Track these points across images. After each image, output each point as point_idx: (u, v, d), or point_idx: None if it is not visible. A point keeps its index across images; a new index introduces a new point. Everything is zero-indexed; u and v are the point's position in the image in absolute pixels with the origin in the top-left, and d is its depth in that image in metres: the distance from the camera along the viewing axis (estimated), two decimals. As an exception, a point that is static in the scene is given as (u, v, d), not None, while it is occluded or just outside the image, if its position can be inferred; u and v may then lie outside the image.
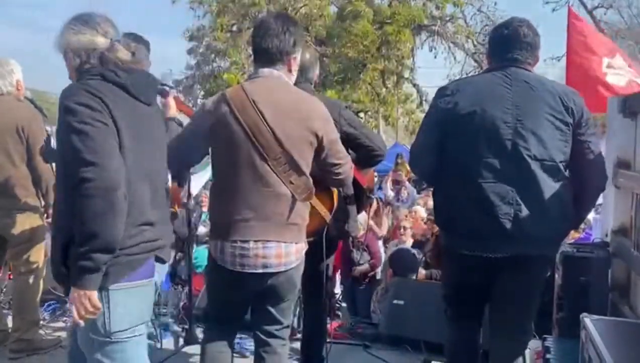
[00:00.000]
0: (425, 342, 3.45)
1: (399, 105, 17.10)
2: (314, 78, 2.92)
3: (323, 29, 15.27)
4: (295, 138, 2.14)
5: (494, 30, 2.55)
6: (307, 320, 3.05)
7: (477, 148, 2.27)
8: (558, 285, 3.05)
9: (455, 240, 2.42)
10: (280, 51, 2.21)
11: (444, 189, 2.44)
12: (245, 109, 2.13)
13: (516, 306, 2.38)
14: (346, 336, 3.85)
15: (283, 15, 2.32)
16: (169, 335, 3.76)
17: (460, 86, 2.40)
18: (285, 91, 2.22)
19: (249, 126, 2.12)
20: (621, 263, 3.01)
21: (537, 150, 2.23)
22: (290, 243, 2.19)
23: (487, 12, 15.75)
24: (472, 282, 2.44)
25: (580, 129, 2.29)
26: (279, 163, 2.13)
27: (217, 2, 15.31)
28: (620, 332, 2.21)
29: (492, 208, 2.23)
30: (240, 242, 2.15)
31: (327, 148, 2.22)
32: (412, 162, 2.60)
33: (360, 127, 2.86)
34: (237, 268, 2.17)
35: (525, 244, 2.25)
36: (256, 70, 2.26)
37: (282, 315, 2.30)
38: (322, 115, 2.22)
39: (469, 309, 2.53)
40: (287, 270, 2.20)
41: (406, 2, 15.33)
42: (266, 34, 2.20)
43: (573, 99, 2.30)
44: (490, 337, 2.49)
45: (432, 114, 2.45)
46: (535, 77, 2.35)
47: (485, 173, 2.25)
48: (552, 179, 2.25)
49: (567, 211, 2.31)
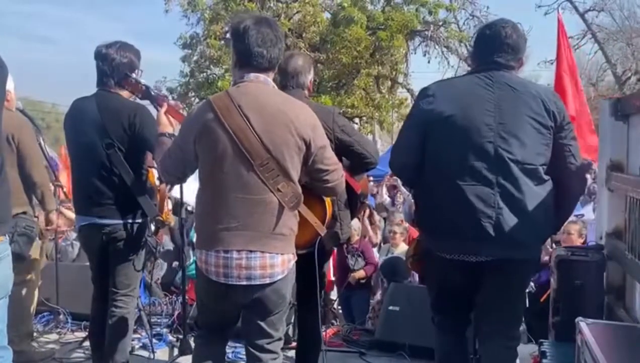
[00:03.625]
0: (422, 347, 3.43)
1: (393, 110, 17.12)
2: (307, 84, 2.91)
3: (317, 35, 15.28)
4: (283, 144, 2.08)
5: (479, 31, 2.53)
6: (302, 329, 3.03)
7: (458, 150, 2.25)
8: (553, 288, 3.05)
9: (437, 243, 2.38)
10: (273, 59, 2.18)
11: (425, 191, 2.42)
12: (230, 115, 2.07)
13: (501, 311, 2.35)
14: (342, 344, 3.83)
15: (267, 21, 2.21)
16: (163, 345, 3.75)
17: (442, 88, 2.38)
18: (273, 96, 2.17)
19: (234, 131, 2.06)
20: (616, 266, 3.01)
21: (518, 153, 2.22)
22: (276, 254, 2.12)
23: (479, 17, 15.82)
24: (455, 286, 2.41)
25: (562, 133, 2.29)
26: (266, 169, 2.06)
27: (210, 9, 15.34)
28: (615, 336, 2.20)
29: (474, 211, 2.21)
30: (224, 252, 2.09)
31: (315, 154, 2.16)
32: (392, 162, 2.54)
33: (354, 134, 2.85)
34: (220, 279, 2.12)
35: (507, 247, 2.23)
36: (241, 75, 2.20)
37: (272, 328, 2.23)
38: (310, 120, 2.17)
39: (454, 315, 2.50)
40: (273, 282, 2.13)
41: (399, 7, 15.39)
42: (265, 45, 2.14)
43: (555, 102, 2.29)
44: (479, 344, 2.48)
45: (413, 115, 2.43)
46: (517, 80, 2.34)
47: (466, 176, 2.23)
48: (533, 182, 2.24)
49: (549, 214, 2.30)
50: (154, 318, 4.06)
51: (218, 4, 15.04)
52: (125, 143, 2.74)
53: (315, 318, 2.97)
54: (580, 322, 2.20)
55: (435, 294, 2.55)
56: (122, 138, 2.73)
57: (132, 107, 2.76)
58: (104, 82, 2.81)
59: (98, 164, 2.75)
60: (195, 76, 16.28)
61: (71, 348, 3.75)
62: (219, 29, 14.66)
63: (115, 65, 2.77)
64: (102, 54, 2.80)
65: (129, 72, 2.77)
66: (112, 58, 2.77)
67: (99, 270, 2.92)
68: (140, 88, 2.66)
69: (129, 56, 2.81)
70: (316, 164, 2.19)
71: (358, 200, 2.99)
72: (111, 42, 2.83)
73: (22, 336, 3.38)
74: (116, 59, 2.78)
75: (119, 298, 2.84)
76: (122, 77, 2.75)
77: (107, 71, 2.79)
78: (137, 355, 3.58)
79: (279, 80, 2.90)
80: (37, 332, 3.83)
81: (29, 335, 3.46)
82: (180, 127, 2.33)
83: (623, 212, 2.97)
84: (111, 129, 2.72)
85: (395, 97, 16.97)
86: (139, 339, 3.77)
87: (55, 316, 4.14)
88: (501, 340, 2.36)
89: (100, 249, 2.84)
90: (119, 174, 2.72)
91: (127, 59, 2.80)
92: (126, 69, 2.78)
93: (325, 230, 2.39)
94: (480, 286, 2.35)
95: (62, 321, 4.10)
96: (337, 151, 2.81)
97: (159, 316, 4.17)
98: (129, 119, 2.73)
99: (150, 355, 3.60)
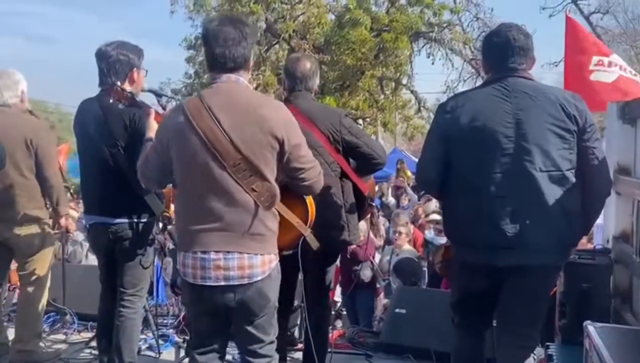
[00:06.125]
0: (428, 350, 3.43)
1: (396, 111, 17.12)
2: (314, 87, 2.93)
3: (321, 37, 15.28)
4: (255, 143, 2.05)
5: (485, 39, 2.55)
6: (308, 331, 3.03)
7: (481, 164, 2.29)
8: (560, 292, 3.04)
9: (462, 249, 2.44)
10: (245, 58, 2.16)
11: (451, 203, 2.46)
12: (200, 116, 2.06)
13: (522, 314, 2.37)
14: (348, 346, 3.83)
15: (234, 20, 2.19)
16: (170, 345, 3.75)
17: (460, 102, 2.40)
18: (244, 95, 2.14)
19: (205, 132, 2.04)
20: (623, 269, 3.01)
21: (541, 162, 2.23)
22: (255, 255, 2.09)
23: (484, 19, 15.80)
24: (478, 291, 2.45)
25: (585, 136, 2.29)
26: (238, 170, 2.04)
27: (216, 11, 15.36)
28: (624, 340, 2.20)
29: (499, 223, 2.25)
30: (201, 253, 2.07)
31: (289, 152, 2.13)
32: (418, 176, 2.65)
33: (361, 136, 2.86)
34: (197, 281, 2.10)
35: (531, 254, 2.26)
36: (213, 77, 2.18)
37: (261, 332, 2.19)
38: (282, 118, 2.14)
39: (475, 317, 2.54)
40: (253, 283, 2.09)
41: (404, 9, 15.38)
42: (227, 44, 2.11)
43: (575, 105, 2.29)
44: (497, 344, 2.49)
45: (434, 129, 2.48)
46: (534, 85, 2.35)
47: (490, 188, 2.26)
48: (559, 189, 2.25)
49: (575, 220, 2.31)
50: (160, 319, 4.07)
51: (223, 6, 15.05)
52: (128, 141, 2.74)
53: (321, 318, 2.98)
54: (589, 326, 2.20)
55: (458, 296, 2.58)
56: (125, 137, 2.74)
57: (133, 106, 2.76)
58: (105, 81, 2.80)
59: (103, 164, 2.76)
60: (200, 77, 16.30)
61: (78, 348, 3.76)
62: (224, 30, 14.69)
63: (114, 64, 2.76)
64: (101, 53, 2.79)
65: (128, 70, 2.78)
66: (110, 56, 2.77)
67: (106, 270, 2.94)
68: (125, 96, 2.64)
69: (128, 55, 2.79)
70: (291, 162, 2.16)
71: (365, 202, 3.00)
72: (111, 42, 2.83)
73: (32, 336, 3.39)
74: (115, 58, 2.77)
75: (126, 298, 2.84)
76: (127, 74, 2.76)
77: (106, 70, 2.78)
78: (143, 356, 3.59)
79: (287, 84, 2.92)
80: (43, 333, 3.82)
81: (38, 335, 3.47)
82: (156, 132, 2.33)
83: (630, 216, 2.98)
84: (114, 128, 2.73)
85: (399, 99, 16.96)
86: (145, 340, 3.77)
87: (62, 316, 4.15)
88: (518, 340, 2.38)
89: (107, 248, 2.85)
90: (123, 173, 2.73)
91: (126, 57, 2.78)
92: (126, 68, 2.78)
93: (308, 229, 2.35)
94: (503, 290, 2.38)
95: (68, 321, 4.11)
96: (345, 152, 2.83)
97: (165, 317, 4.18)
98: (129, 118, 2.73)
99: (156, 355, 3.61)
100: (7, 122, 3.20)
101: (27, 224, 3.27)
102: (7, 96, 3.25)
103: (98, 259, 3.03)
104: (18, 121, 3.25)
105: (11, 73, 3.31)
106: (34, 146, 3.20)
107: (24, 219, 3.26)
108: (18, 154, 3.19)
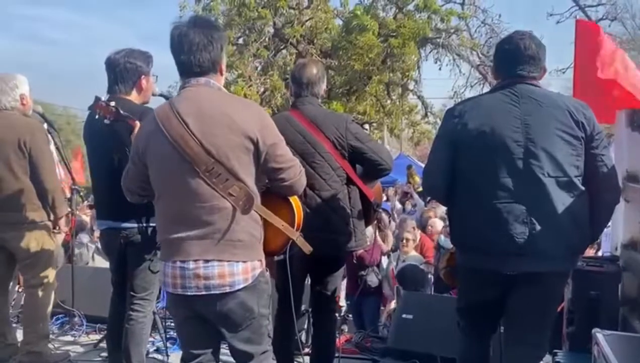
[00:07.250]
0: (435, 356, 3.43)
1: (403, 116, 17.10)
2: (321, 93, 2.94)
3: (328, 42, 15.31)
4: (226, 146, 1.99)
5: (497, 46, 2.56)
6: (316, 336, 3.04)
7: (489, 168, 2.28)
8: (568, 299, 3.04)
9: (470, 255, 2.43)
10: (213, 62, 2.10)
11: (458, 208, 2.45)
12: (170, 122, 2.01)
13: (530, 322, 2.37)
14: (355, 351, 3.84)
15: (200, 22, 2.13)
16: (177, 348, 3.76)
17: (468, 108, 2.41)
18: (214, 98, 2.08)
19: (175, 139, 1.98)
20: (631, 277, 3.00)
21: (549, 167, 2.24)
22: (237, 262, 2.01)
23: (491, 25, 15.78)
24: (486, 297, 2.45)
25: (593, 143, 2.29)
26: (212, 175, 1.97)
27: (224, 15, 15.43)
28: (632, 347, 2.20)
29: (507, 228, 2.24)
30: (180, 262, 2.02)
31: (265, 152, 2.05)
32: (424, 181, 2.65)
33: (367, 141, 2.86)
34: (178, 291, 2.04)
35: (539, 261, 2.25)
36: (183, 82, 2.14)
37: (249, 345, 2.10)
38: (256, 118, 2.06)
39: (482, 324, 2.54)
40: (235, 292, 2.01)
41: (411, 15, 15.39)
42: (191, 50, 2.06)
43: (583, 113, 2.30)
44: (504, 352, 2.48)
45: (442, 135, 2.48)
46: (542, 92, 2.35)
47: (499, 193, 2.26)
48: (568, 195, 2.25)
49: (583, 227, 2.31)
50: (169, 322, 4.08)
51: (232, 10, 15.13)
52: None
53: (329, 324, 2.99)
54: (597, 333, 2.20)
55: (465, 302, 2.58)
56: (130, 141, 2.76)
57: (138, 111, 2.77)
58: (114, 90, 2.84)
59: (111, 169, 2.77)
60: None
61: (86, 350, 3.79)
62: (232, 34, 14.73)
63: (122, 73, 2.80)
64: (110, 62, 2.83)
65: (137, 78, 2.81)
66: (118, 65, 2.80)
67: (118, 274, 2.95)
68: (110, 110, 2.62)
69: (135, 63, 2.82)
70: (268, 162, 2.08)
71: (372, 208, 3.00)
72: (120, 50, 2.86)
73: (39, 337, 3.41)
74: (123, 67, 2.80)
75: (136, 302, 2.86)
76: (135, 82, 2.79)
77: (113, 78, 2.82)
78: (151, 358, 3.61)
79: (293, 89, 2.94)
80: (52, 334, 3.86)
81: (45, 336, 3.49)
82: (132, 143, 2.31)
83: (639, 223, 2.97)
84: (120, 133, 2.75)
85: (405, 104, 16.96)
86: (153, 342, 3.80)
87: (71, 318, 4.18)
88: (526, 348, 2.37)
89: (119, 253, 2.87)
90: None
91: (133, 65, 2.81)
92: (133, 76, 2.81)
93: (297, 233, 2.25)
94: (511, 296, 2.37)
95: (77, 323, 4.14)
96: (351, 158, 2.84)
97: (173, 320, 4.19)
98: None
99: (164, 358, 3.63)
100: (1, 123, 3.23)
101: (24, 227, 3.28)
102: (5, 101, 3.28)
103: (110, 262, 3.05)
104: (12, 123, 3.26)
105: (9, 78, 3.33)
106: (27, 147, 3.21)
107: (20, 222, 3.27)
108: (12, 156, 3.21)
